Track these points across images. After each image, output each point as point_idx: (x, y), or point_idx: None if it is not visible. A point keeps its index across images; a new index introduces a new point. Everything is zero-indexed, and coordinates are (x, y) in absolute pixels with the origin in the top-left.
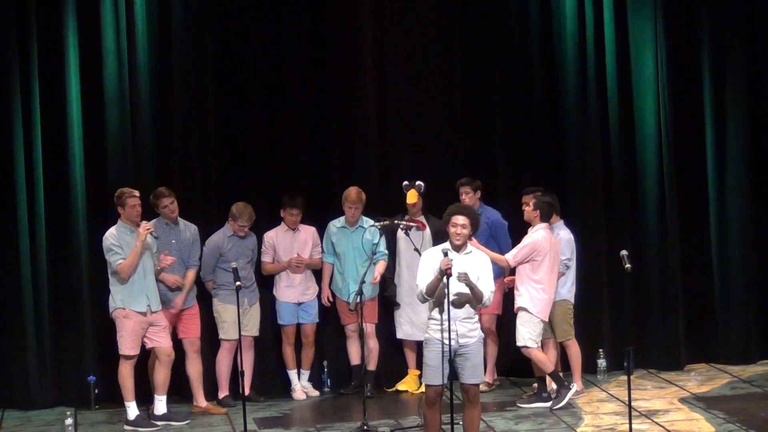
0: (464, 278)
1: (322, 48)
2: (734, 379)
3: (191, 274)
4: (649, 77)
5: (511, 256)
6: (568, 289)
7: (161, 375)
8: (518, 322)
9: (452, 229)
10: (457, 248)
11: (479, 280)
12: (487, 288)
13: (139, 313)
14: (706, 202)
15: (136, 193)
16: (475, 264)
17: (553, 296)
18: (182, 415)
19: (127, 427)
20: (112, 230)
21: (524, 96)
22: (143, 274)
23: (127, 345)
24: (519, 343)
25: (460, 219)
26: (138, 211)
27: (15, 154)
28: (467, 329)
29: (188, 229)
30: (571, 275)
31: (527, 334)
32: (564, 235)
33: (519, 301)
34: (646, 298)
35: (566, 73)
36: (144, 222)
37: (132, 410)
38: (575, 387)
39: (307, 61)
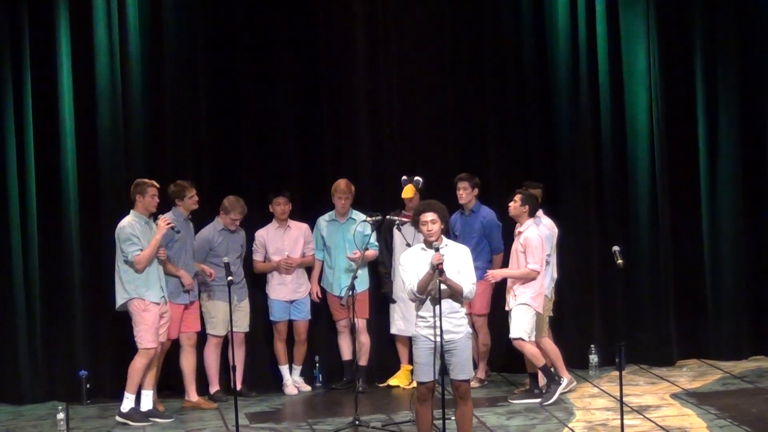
0: (442, 277)
1: (313, 43)
2: (726, 375)
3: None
4: (641, 73)
5: (536, 265)
6: (547, 285)
7: (152, 370)
8: (515, 315)
9: (423, 228)
10: (432, 245)
11: (460, 273)
12: (469, 280)
13: (155, 304)
14: (698, 198)
15: (156, 183)
16: (455, 257)
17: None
18: (168, 412)
19: (119, 419)
20: (128, 220)
21: (516, 91)
22: (157, 264)
23: (148, 338)
24: (513, 335)
25: (429, 215)
26: (157, 201)
27: (6, 148)
28: (453, 325)
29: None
30: (550, 270)
31: (523, 326)
32: (543, 230)
33: (521, 298)
34: (637, 293)
35: (558, 68)
36: (162, 216)
37: (129, 402)
38: (565, 380)
39: (299, 56)
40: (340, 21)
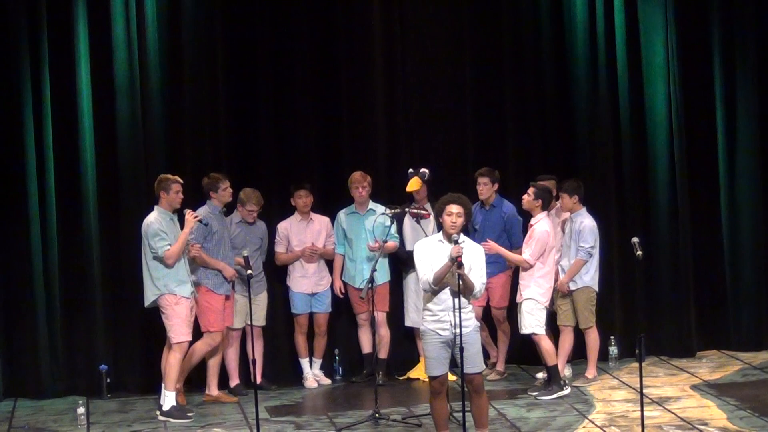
0: (461, 270)
1: (331, 36)
2: (746, 366)
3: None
4: (659, 64)
5: (530, 257)
6: (591, 277)
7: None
8: (524, 310)
9: (447, 218)
10: (451, 238)
11: (471, 271)
12: (479, 279)
13: (186, 299)
14: (717, 189)
15: (180, 179)
16: (469, 254)
17: (554, 283)
18: (188, 407)
19: (161, 417)
20: (154, 216)
21: (535, 84)
22: (184, 261)
23: (182, 331)
24: (526, 331)
25: (455, 208)
26: (181, 197)
27: (26, 144)
28: (461, 319)
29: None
30: (595, 263)
31: (534, 321)
32: (588, 222)
33: (526, 293)
34: (657, 285)
35: (577, 60)
36: (189, 210)
37: (170, 400)
38: (568, 390)
39: (317, 49)
40: (358, 15)
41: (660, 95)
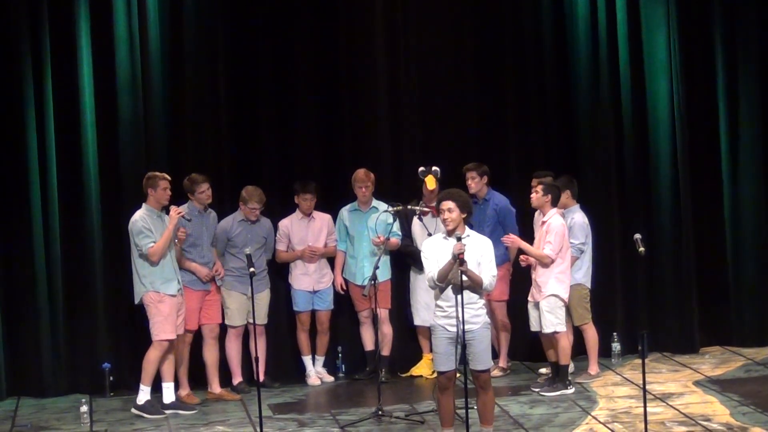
0: (463, 267)
1: (334, 33)
2: (748, 362)
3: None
4: (661, 60)
5: (551, 252)
6: (583, 274)
7: (169, 362)
8: (545, 308)
9: (442, 216)
10: (451, 233)
11: (480, 265)
12: (489, 272)
13: (171, 296)
14: (720, 185)
15: (168, 176)
16: (476, 248)
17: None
18: (191, 404)
19: (134, 411)
20: (140, 213)
21: (536, 80)
22: (171, 257)
23: (165, 329)
24: (548, 330)
25: (447, 204)
26: (169, 194)
27: (28, 141)
28: (470, 315)
29: (212, 215)
30: (587, 259)
31: (556, 319)
32: (578, 219)
33: (547, 289)
34: (659, 281)
35: (578, 56)
36: (173, 206)
37: (144, 394)
38: (572, 390)
39: (319, 47)
40: (360, 12)
41: (662, 91)
